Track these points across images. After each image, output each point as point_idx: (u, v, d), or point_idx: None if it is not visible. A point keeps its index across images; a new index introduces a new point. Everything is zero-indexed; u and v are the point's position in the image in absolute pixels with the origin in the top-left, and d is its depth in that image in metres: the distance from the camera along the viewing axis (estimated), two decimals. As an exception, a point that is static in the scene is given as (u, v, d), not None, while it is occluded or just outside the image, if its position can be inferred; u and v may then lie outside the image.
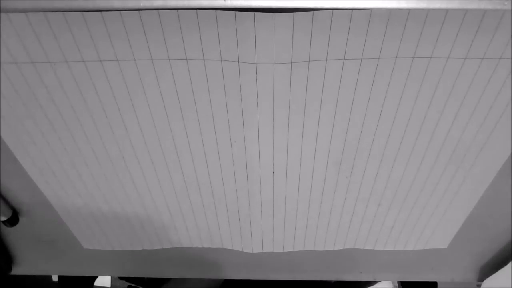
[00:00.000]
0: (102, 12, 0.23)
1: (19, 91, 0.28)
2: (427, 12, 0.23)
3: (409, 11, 0.23)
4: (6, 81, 0.27)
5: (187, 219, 0.39)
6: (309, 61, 0.25)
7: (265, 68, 0.26)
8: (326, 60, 0.25)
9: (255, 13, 0.23)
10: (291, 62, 0.25)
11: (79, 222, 0.40)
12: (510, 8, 0.22)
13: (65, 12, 0.23)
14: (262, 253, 0.43)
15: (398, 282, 0.51)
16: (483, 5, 0.22)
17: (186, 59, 0.26)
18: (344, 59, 0.25)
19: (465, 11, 0.23)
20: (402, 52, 0.25)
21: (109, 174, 0.35)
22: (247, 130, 0.30)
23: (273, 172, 0.34)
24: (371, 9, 0.23)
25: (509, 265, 0.41)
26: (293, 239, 0.41)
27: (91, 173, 0.35)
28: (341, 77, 0.27)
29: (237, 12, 0.23)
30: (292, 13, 0.23)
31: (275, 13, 0.23)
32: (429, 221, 0.38)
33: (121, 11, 0.23)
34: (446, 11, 0.23)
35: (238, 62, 0.25)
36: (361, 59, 0.25)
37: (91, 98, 0.28)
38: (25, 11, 0.23)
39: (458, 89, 0.27)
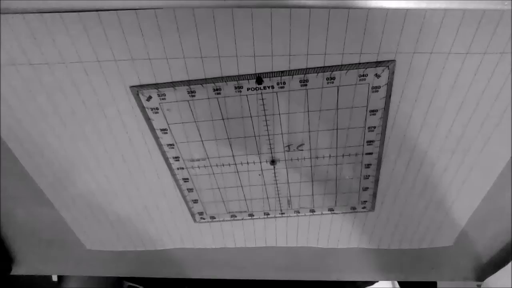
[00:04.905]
0: (99, 12, 0.23)
1: (19, 92, 0.28)
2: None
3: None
4: (5, 82, 0.27)
5: (189, 220, 0.39)
6: (307, 54, 0.25)
7: (264, 61, 0.26)
8: (325, 54, 0.25)
9: (252, 9, 0.23)
10: (289, 55, 0.25)
11: (82, 223, 0.40)
12: (510, 8, 0.22)
13: (61, 13, 0.23)
14: (262, 253, 0.43)
15: (398, 282, 0.51)
16: (482, 5, 0.22)
17: (184, 57, 0.26)
18: (343, 53, 0.25)
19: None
20: (402, 47, 0.25)
21: (110, 174, 0.35)
22: (246, 125, 0.30)
23: (274, 169, 0.34)
24: (368, 8, 0.23)
25: (509, 265, 0.40)
26: (296, 234, 0.41)
27: (92, 173, 0.35)
28: (340, 74, 0.27)
29: (234, 9, 0.23)
30: (289, 9, 0.23)
31: (273, 9, 0.23)
32: (433, 220, 0.38)
33: (118, 11, 0.23)
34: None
35: (237, 56, 0.25)
36: (360, 53, 0.25)
37: (90, 98, 0.28)
38: (24, 12, 0.23)
39: (459, 84, 0.27)
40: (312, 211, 0.38)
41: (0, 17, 0.24)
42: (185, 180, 0.35)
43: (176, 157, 0.33)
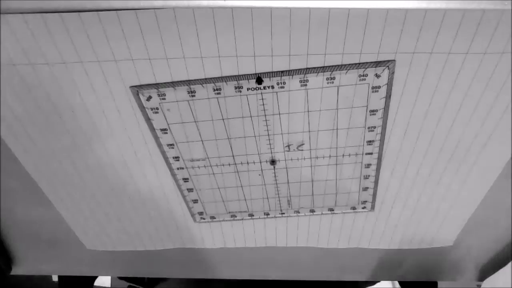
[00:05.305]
0: (99, 12, 0.23)
1: (18, 92, 0.28)
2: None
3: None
4: (5, 83, 0.27)
5: (189, 220, 0.39)
6: (307, 54, 0.25)
7: (264, 61, 0.26)
8: (325, 54, 0.25)
9: (252, 9, 0.23)
10: (289, 55, 0.25)
11: (82, 223, 0.40)
12: (510, 8, 0.22)
13: (61, 13, 0.23)
14: (262, 253, 0.43)
15: (398, 282, 0.51)
16: (483, 5, 0.22)
17: (184, 57, 0.26)
18: (343, 53, 0.25)
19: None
20: (402, 47, 0.25)
21: (110, 174, 0.35)
22: (246, 125, 0.30)
23: (274, 169, 0.34)
24: (368, 8, 0.23)
25: (509, 265, 0.40)
26: (296, 234, 0.41)
27: (92, 173, 0.35)
28: (340, 74, 0.27)
29: (234, 9, 0.23)
30: (289, 9, 0.23)
31: (273, 9, 0.23)
32: (434, 220, 0.38)
33: (118, 11, 0.23)
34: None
35: (237, 56, 0.25)
36: (360, 53, 0.25)
37: (90, 99, 0.28)
38: (24, 12, 0.23)
39: (460, 84, 0.27)
40: (312, 211, 0.38)
41: (0, 17, 0.24)
42: (185, 180, 0.35)
43: (176, 157, 0.33)
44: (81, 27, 0.24)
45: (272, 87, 0.27)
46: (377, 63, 0.26)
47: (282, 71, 0.26)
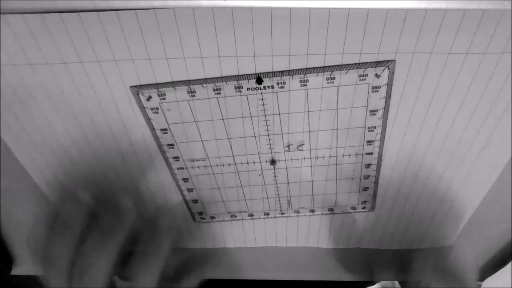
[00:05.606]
0: (98, 12, 0.23)
1: (19, 92, 0.28)
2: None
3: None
4: (5, 83, 0.27)
5: (189, 220, 0.39)
6: (307, 54, 0.25)
7: (264, 61, 0.26)
8: (325, 54, 0.25)
9: (252, 9, 0.23)
10: (289, 55, 0.25)
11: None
12: (510, 8, 0.22)
13: (61, 13, 0.23)
14: (262, 253, 0.43)
15: (398, 282, 0.51)
16: (483, 5, 0.22)
17: (184, 57, 0.26)
18: (343, 53, 0.25)
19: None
20: (402, 47, 0.25)
21: (109, 174, 0.35)
22: (246, 125, 0.30)
23: (274, 169, 0.34)
24: (368, 8, 0.23)
25: (509, 265, 0.40)
26: (296, 234, 0.41)
27: (92, 173, 0.35)
28: (340, 74, 0.27)
29: (234, 9, 0.23)
30: (289, 9, 0.23)
31: (273, 9, 0.23)
32: (434, 220, 0.38)
33: (118, 11, 0.23)
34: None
35: (237, 56, 0.25)
36: (360, 53, 0.25)
37: (89, 99, 0.28)
38: (24, 12, 0.23)
39: (460, 84, 0.27)
40: (312, 211, 0.38)
41: (0, 17, 0.24)
42: (185, 180, 0.35)
43: (176, 157, 0.33)
44: (81, 27, 0.24)
45: (272, 87, 0.27)
46: (377, 63, 0.26)
47: (282, 71, 0.26)
